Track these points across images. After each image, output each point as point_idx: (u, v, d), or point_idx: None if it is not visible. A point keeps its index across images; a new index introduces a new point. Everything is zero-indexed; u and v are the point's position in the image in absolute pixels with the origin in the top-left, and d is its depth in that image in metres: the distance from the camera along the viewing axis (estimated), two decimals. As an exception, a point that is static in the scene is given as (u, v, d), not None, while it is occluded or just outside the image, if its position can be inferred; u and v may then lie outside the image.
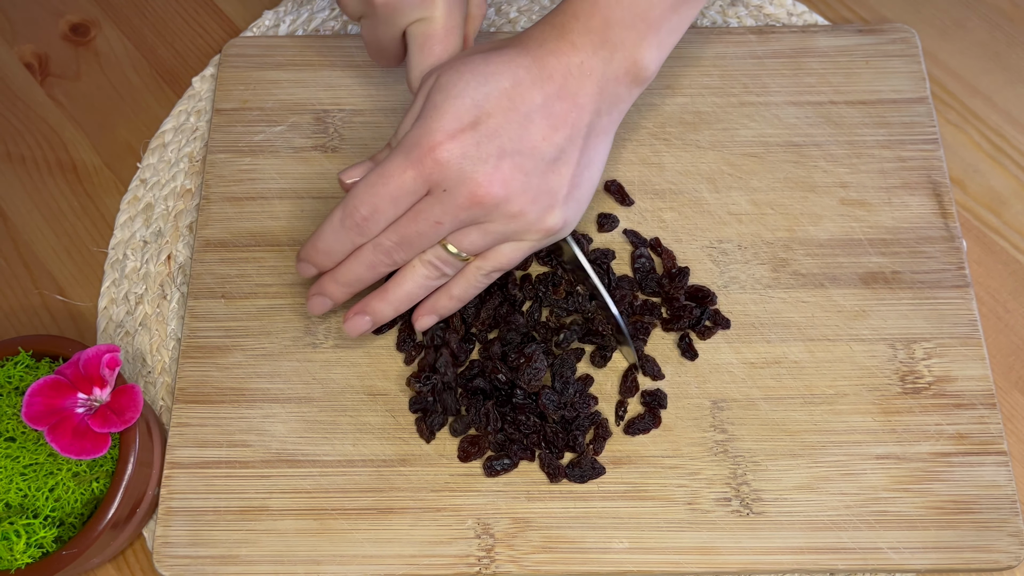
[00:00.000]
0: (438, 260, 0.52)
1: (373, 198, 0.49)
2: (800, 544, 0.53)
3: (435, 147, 0.48)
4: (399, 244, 0.51)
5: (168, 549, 0.53)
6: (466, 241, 0.51)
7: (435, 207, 0.49)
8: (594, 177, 0.52)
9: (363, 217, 0.50)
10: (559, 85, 0.49)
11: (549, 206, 0.50)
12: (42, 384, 0.50)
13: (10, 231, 0.64)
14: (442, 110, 0.48)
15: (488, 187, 0.48)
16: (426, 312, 0.54)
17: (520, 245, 0.52)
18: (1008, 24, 0.69)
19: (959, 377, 0.57)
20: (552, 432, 0.54)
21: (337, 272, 0.53)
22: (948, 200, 0.61)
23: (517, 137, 0.48)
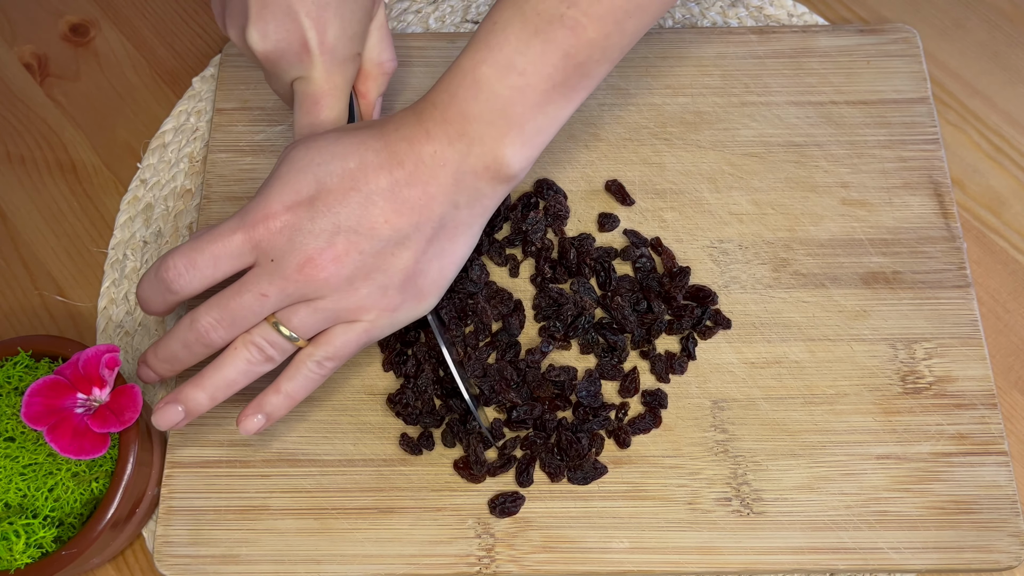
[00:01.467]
0: (264, 340, 0.48)
1: (192, 255, 0.47)
2: (800, 544, 0.53)
3: (268, 217, 0.47)
4: (219, 320, 0.48)
5: (169, 548, 0.53)
6: (295, 319, 0.48)
7: (261, 278, 0.47)
8: (446, 270, 0.50)
9: (176, 272, 0.48)
10: (409, 172, 0.47)
11: (385, 287, 0.48)
12: (41, 384, 0.50)
13: (10, 231, 0.64)
14: (283, 181, 0.47)
15: (318, 260, 0.47)
16: (252, 412, 0.50)
17: (354, 327, 0.49)
18: (1008, 24, 0.69)
19: (960, 377, 0.57)
20: (565, 440, 0.54)
21: (156, 345, 0.51)
22: (949, 200, 0.61)
23: (356, 216, 0.47)
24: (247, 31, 0.51)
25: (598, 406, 0.55)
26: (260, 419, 0.50)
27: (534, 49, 0.46)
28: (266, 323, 0.48)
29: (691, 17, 0.69)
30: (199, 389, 0.49)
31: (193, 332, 0.48)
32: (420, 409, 0.55)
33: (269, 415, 0.50)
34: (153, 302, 0.50)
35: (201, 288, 0.48)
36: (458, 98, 0.47)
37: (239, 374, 0.49)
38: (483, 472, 0.54)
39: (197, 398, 0.49)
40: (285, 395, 0.50)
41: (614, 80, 0.65)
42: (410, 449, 0.55)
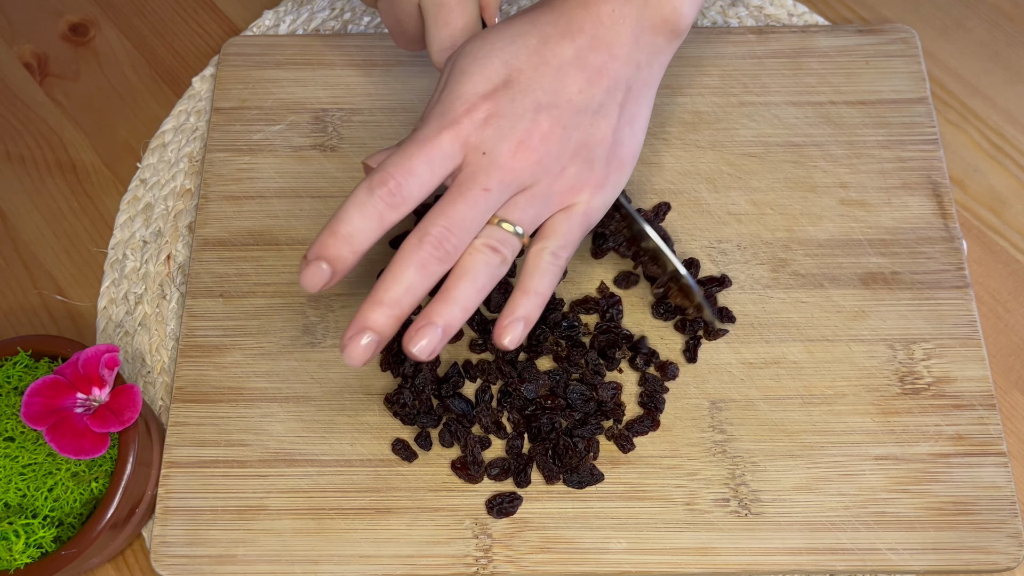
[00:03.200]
0: (495, 240, 0.46)
1: (407, 161, 0.45)
2: (799, 545, 0.53)
3: (471, 109, 0.46)
4: (448, 227, 0.45)
5: (166, 549, 0.53)
6: (516, 212, 0.47)
7: (478, 174, 0.46)
8: (637, 135, 0.50)
9: (397, 183, 0.45)
10: (591, 36, 0.47)
11: (591, 161, 0.48)
12: (41, 384, 0.50)
13: (10, 231, 0.64)
14: (470, 72, 0.46)
15: (528, 142, 0.46)
16: (510, 321, 0.47)
17: (572, 212, 0.48)
18: (1008, 24, 0.69)
19: (958, 378, 0.56)
20: (562, 445, 0.54)
21: (378, 291, 0.45)
22: (948, 201, 0.61)
23: (552, 90, 0.46)
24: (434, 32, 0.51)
25: (589, 412, 0.55)
26: (521, 326, 0.47)
27: None
28: (490, 226, 0.47)
29: (691, 16, 0.69)
30: (451, 304, 0.46)
31: (427, 246, 0.45)
32: (418, 409, 0.55)
33: (526, 318, 0.48)
34: (364, 231, 0.45)
35: (422, 196, 0.46)
36: None
37: (485, 276, 0.46)
38: (480, 472, 0.54)
39: (452, 313, 0.46)
40: (535, 293, 0.48)
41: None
42: (405, 456, 0.55)
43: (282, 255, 0.60)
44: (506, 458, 0.54)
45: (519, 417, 0.55)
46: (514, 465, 0.54)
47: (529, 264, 0.48)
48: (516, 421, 0.55)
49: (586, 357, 0.56)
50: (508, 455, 0.55)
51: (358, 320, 0.45)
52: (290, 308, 0.59)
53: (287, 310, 0.59)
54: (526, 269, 0.48)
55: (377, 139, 0.64)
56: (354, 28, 0.70)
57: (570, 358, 0.56)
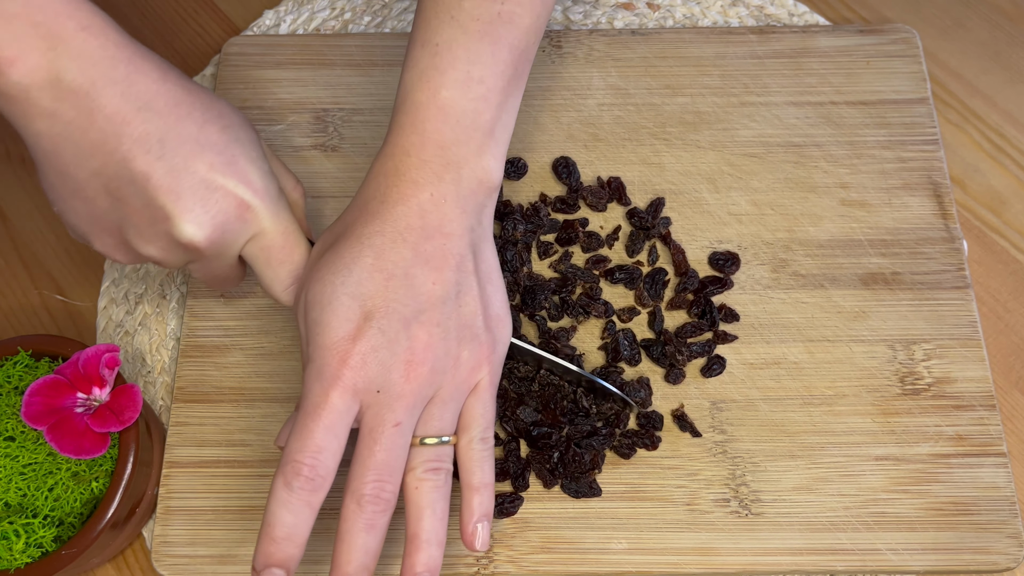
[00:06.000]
0: (429, 463, 0.46)
1: (310, 440, 0.44)
2: (799, 545, 0.53)
3: (345, 357, 0.44)
4: (380, 478, 0.45)
5: (167, 548, 0.53)
6: (434, 424, 0.47)
7: (383, 412, 0.45)
8: (499, 284, 0.50)
9: (311, 465, 0.44)
10: (419, 228, 0.46)
11: (475, 337, 0.48)
12: (41, 384, 0.50)
13: (10, 231, 0.64)
14: (326, 322, 0.45)
15: (415, 362, 0.45)
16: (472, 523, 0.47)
17: (479, 392, 0.48)
18: (1008, 24, 0.69)
19: (959, 378, 0.56)
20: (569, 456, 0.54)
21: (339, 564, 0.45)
22: (948, 201, 0.61)
23: (409, 300, 0.46)
24: (179, 230, 0.45)
25: (588, 428, 0.55)
26: (485, 524, 0.48)
27: (484, 54, 0.47)
28: (416, 448, 0.46)
29: (691, 17, 0.69)
30: (426, 546, 0.46)
31: (367, 508, 0.45)
32: None
33: (487, 515, 0.48)
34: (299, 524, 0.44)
35: (336, 466, 0.45)
36: (428, 132, 0.47)
37: (441, 502, 0.47)
38: None
39: (431, 554, 0.46)
40: (484, 486, 0.48)
41: (613, 80, 0.65)
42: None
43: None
44: (504, 460, 0.54)
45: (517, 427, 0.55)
46: (513, 468, 0.54)
47: (464, 461, 0.48)
48: (512, 429, 0.55)
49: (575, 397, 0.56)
50: (507, 459, 0.55)
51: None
52: (290, 308, 0.59)
53: (288, 310, 0.59)
54: (464, 467, 0.48)
55: (377, 139, 0.64)
56: (354, 28, 0.70)
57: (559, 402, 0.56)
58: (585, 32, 0.67)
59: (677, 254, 0.59)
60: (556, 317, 0.58)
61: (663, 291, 0.59)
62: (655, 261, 0.60)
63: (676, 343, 0.57)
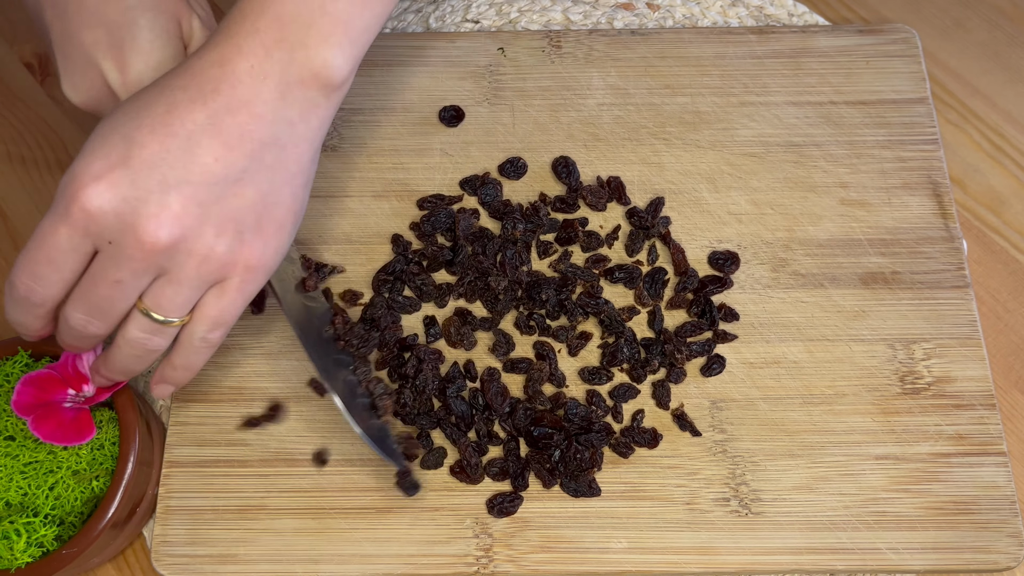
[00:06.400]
0: (141, 334, 0.45)
1: (30, 265, 0.43)
2: (799, 544, 0.53)
3: (79, 193, 0.41)
4: (89, 315, 0.44)
5: (167, 548, 0.53)
6: (163, 300, 0.44)
7: (107, 265, 0.43)
8: (299, 193, 0.46)
9: (26, 287, 0.44)
10: (227, 97, 0.42)
11: (240, 233, 0.44)
12: (36, 376, 0.51)
13: (10, 231, 0.64)
14: (87, 152, 0.42)
15: (158, 229, 0.42)
16: (157, 382, 0.49)
17: (225, 290, 0.45)
18: (1008, 24, 0.69)
19: (959, 378, 0.56)
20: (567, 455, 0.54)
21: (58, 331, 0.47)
22: (948, 201, 0.61)
23: (181, 164, 0.42)
24: (63, 87, 0.48)
25: (586, 427, 0.55)
26: (169, 389, 0.49)
27: None
28: (137, 312, 0.44)
29: (691, 17, 0.69)
30: (108, 370, 0.48)
31: (73, 332, 0.45)
32: (417, 410, 0.55)
33: (176, 383, 0.49)
34: (29, 322, 0.46)
35: (60, 293, 0.44)
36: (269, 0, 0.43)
37: (133, 363, 0.47)
38: (479, 474, 0.54)
39: (111, 375, 0.48)
40: (184, 368, 0.48)
41: (613, 80, 0.65)
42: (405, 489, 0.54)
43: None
44: (504, 459, 0.54)
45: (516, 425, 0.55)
46: (512, 468, 0.54)
47: (181, 341, 0.46)
48: (511, 427, 0.55)
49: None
50: (507, 458, 0.55)
51: None
52: (291, 308, 0.59)
53: (288, 310, 0.59)
54: (178, 344, 0.47)
55: (377, 139, 0.64)
56: (355, 28, 0.70)
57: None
58: (585, 32, 0.67)
59: (677, 253, 0.60)
60: (554, 316, 0.58)
61: (663, 290, 0.59)
62: (655, 260, 0.60)
63: (676, 342, 0.57)
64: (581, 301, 0.58)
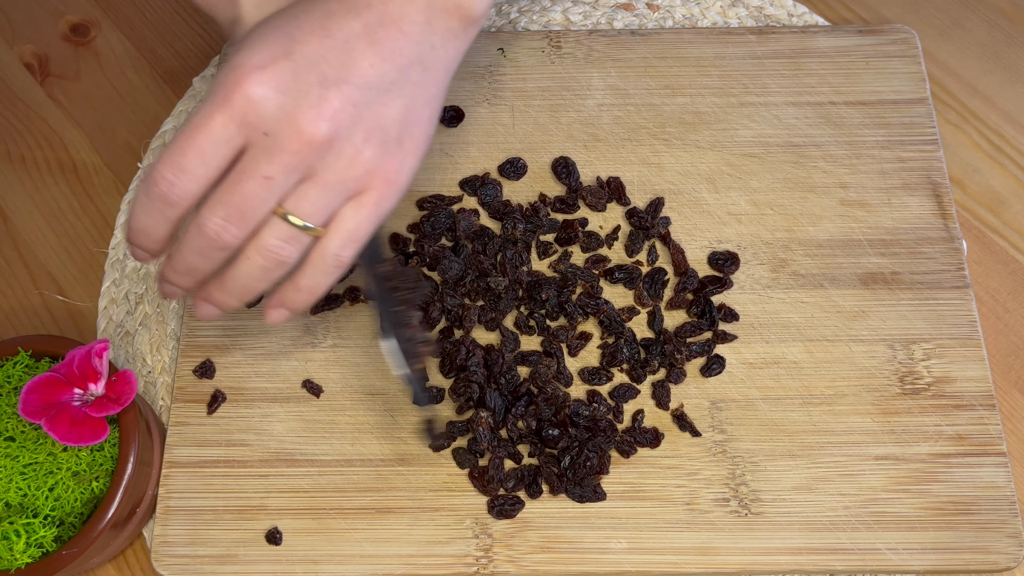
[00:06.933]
0: (276, 241, 0.44)
1: (177, 156, 0.42)
2: (798, 545, 0.53)
3: (242, 81, 0.41)
4: (227, 219, 0.43)
5: (167, 548, 0.53)
6: (306, 203, 0.43)
7: (260, 159, 0.42)
8: (434, 117, 0.47)
9: (168, 182, 0.42)
10: (379, 12, 0.44)
11: (384, 143, 0.44)
12: (38, 381, 0.51)
13: (10, 231, 0.64)
14: (249, 46, 0.42)
15: (317, 121, 0.42)
16: (274, 305, 0.47)
17: (363, 203, 0.45)
18: (1008, 24, 0.69)
19: (958, 378, 0.56)
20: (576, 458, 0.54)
21: (171, 258, 0.46)
22: (948, 201, 0.61)
23: (339, 65, 0.42)
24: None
25: (592, 427, 0.55)
26: (284, 312, 0.47)
27: None
28: (276, 217, 0.44)
29: (691, 17, 0.69)
30: (224, 292, 0.46)
31: (203, 238, 0.44)
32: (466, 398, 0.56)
33: (293, 309, 0.47)
34: (154, 228, 0.44)
35: (200, 191, 0.43)
36: None
37: (257, 281, 0.45)
38: (498, 488, 0.54)
39: (224, 300, 0.47)
40: (307, 291, 0.46)
41: (612, 80, 0.65)
42: (433, 440, 0.54)
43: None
44: (519, 468, 0.54)
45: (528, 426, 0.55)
46: (526, 476, 0.54)
47: (311, 259, 0.45)
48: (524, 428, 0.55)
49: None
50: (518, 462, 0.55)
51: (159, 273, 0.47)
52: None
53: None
54: (307, 263, 0.46)
55: (377, 139, 0.64)
56: (354, 28, 0.70)
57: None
58: (585, 33, 0.67)
59: (676, 254, 0.60)
60: (554, 316, 0.58)
61: (662, 291, 0.59)
62: (654, 261, 0.60)
63: (676, 343, 0.57)
64: (581, 301, 0.58)
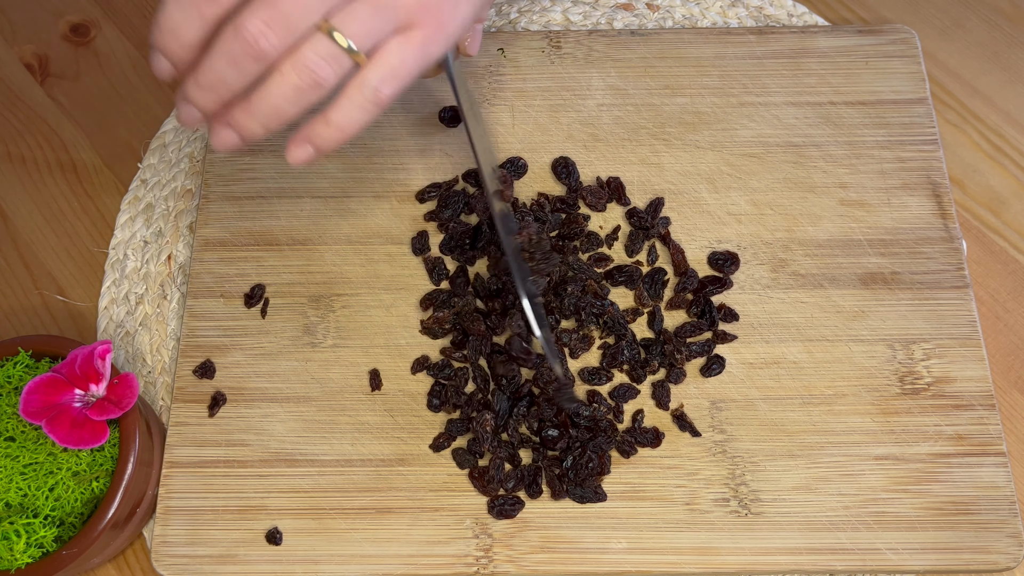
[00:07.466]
0: (316, 56, 0.41)
1: None
2: (798, 545, 0.53)
3: None
4: (268, 23, 0.40)
5: (167, 548, 0.53)
6: (353, 21, 0.41)
7: None
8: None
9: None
10: None
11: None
12: (39, 382, 0.51)
13: (10, 231, 0.64)
14: None
15: None
16: (300, 141, 0.44)
17: (411, 39, 0.43)
18: (1008, 24, 0.69)
19: (958, 378, 0.56)
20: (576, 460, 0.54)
21: (197, 70, 0.42)
22: (947, 201, 0.61)
23: None
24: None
25: (593, 428, 0.55)
26: (309, 149, 0.44)
27: None
28: (319, 33, 0.41)
29: (691, 17, 0.69)
30: (247, 114, 0.43)
31: (239, 41, 0.40)
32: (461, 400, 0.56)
33: (318, 148, 0.44)
34: (186, 29, 0.41)
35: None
36: None
37: (287, 102, 0.42)
38: (498, 488, 0.54)
39: (248, 125, 0.43)
40: (336, 127, 0.44)
41: (612, 80, 0.65)
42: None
43: (283, 255, 0.60)
44: (519, 469, 0.54)
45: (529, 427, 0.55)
46: (527, 476, 0.54)
47: (347, 91, 0.43)
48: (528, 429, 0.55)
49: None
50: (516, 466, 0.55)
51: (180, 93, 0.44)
52: (290, 308, 0.59)
53: (287, 310, 0.59)
54: (338, 98, 0.43)
55: (377, 139, 0.64)
56: (354, 28, 0.70)
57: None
58: (584, 33, 0.67)
59: (676, 254, 0.60)
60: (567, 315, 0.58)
61: (662, 291, 0.59)
62: (654, 261, 0.60)
63: (676, 343, 0.57)
64: (587, 302, 0.58)
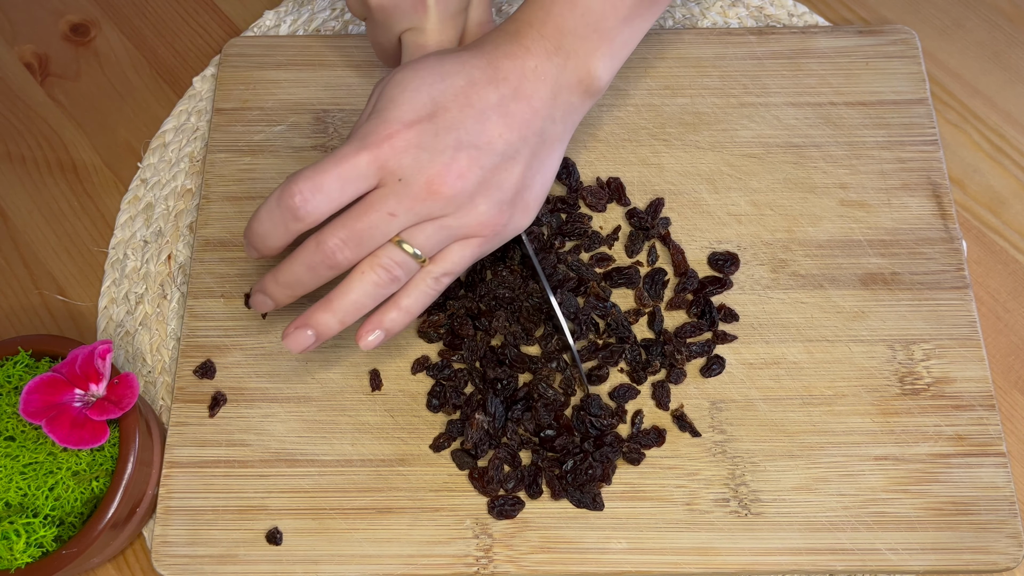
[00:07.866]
0: (391, 261, 0.49)
1: (318, 177, 0.47)
2: (798, 545, 0.53)
3: (392, 135, 0.47)
4: (345, 241, 0.48)
5: (167, 548, 0.53)
6: (420, 237, 0.49)
7: (389, 198, 0.48)
8: (546, 182, 0.52)
9: (303, 197, 0.47)
10: (514, 87, 0.49)
11: (500, 202, 0.50)
12: (39, 381, 0.51)
13: (10, 231, 0.64)
14: (398, 102, 0.48)
15: (445, 177, 0.48)
16: (372, 327, 0.51)
17: (470, 243, 0.50)
18: (1008, 24, 0.69)
19: (958, 378, 0.57)
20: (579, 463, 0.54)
21: (277, 270, 0.50)
22: (948, 201, 0.61)
23: (475, 131, 0.48)
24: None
25: (600, 438, 0.55)
26: (379, 334, 0.51)
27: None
28: (391, 243, 0.49)
29: (691, 17, 0.69)
30: (328, 312, 0.49)
31: (320, 254, 0.48)
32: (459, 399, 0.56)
33: (388, 331, 0.51)
34: (273, 235, 0.49)
35: (327, 212, 0.48)
36: (553, 14, 0.50)
37: (367, 297, 0.49)
38: (498, 489, 0.54)
39: (327, 322, 0.50)
40: (405, 311, 0.51)
41: (612, 81, 0.65)
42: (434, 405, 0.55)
43: (283, 257, 0.60)
44: (519, 469, 0.54)
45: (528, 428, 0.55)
46: (527, 477, 0.54)
47: (410, 283, 0.50)
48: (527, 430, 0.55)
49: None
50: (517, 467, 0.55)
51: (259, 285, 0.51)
52: (290, 308, 0.59)
53: (287, 310, 0.59)
54: (406, 287, 0.50)
55: (378, 139, 0.64)
56: (354, 28, 0.70)
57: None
58: (585, 33, 0.67)
59: (676, 254, 0.60)
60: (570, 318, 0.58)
61: (663, 291, 0.59)
62: (654, 261, 0.60)
63: (676, 343, 0.57)
64: (591, 304, 0.57)
